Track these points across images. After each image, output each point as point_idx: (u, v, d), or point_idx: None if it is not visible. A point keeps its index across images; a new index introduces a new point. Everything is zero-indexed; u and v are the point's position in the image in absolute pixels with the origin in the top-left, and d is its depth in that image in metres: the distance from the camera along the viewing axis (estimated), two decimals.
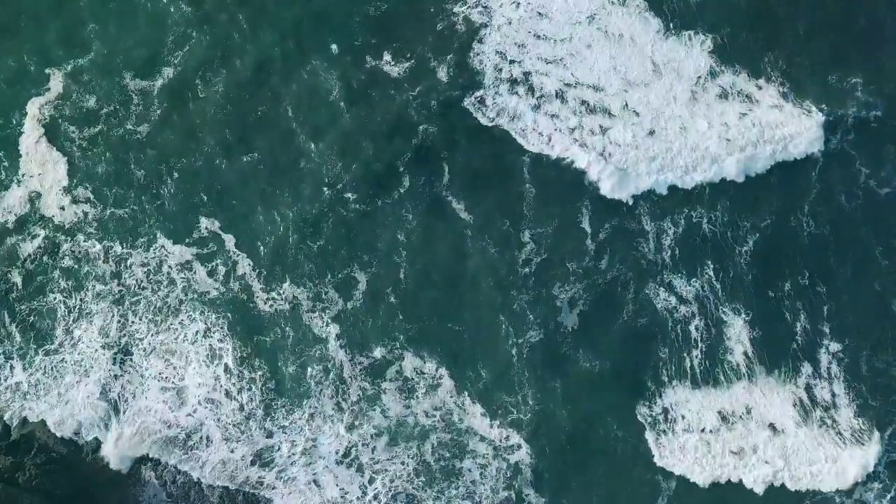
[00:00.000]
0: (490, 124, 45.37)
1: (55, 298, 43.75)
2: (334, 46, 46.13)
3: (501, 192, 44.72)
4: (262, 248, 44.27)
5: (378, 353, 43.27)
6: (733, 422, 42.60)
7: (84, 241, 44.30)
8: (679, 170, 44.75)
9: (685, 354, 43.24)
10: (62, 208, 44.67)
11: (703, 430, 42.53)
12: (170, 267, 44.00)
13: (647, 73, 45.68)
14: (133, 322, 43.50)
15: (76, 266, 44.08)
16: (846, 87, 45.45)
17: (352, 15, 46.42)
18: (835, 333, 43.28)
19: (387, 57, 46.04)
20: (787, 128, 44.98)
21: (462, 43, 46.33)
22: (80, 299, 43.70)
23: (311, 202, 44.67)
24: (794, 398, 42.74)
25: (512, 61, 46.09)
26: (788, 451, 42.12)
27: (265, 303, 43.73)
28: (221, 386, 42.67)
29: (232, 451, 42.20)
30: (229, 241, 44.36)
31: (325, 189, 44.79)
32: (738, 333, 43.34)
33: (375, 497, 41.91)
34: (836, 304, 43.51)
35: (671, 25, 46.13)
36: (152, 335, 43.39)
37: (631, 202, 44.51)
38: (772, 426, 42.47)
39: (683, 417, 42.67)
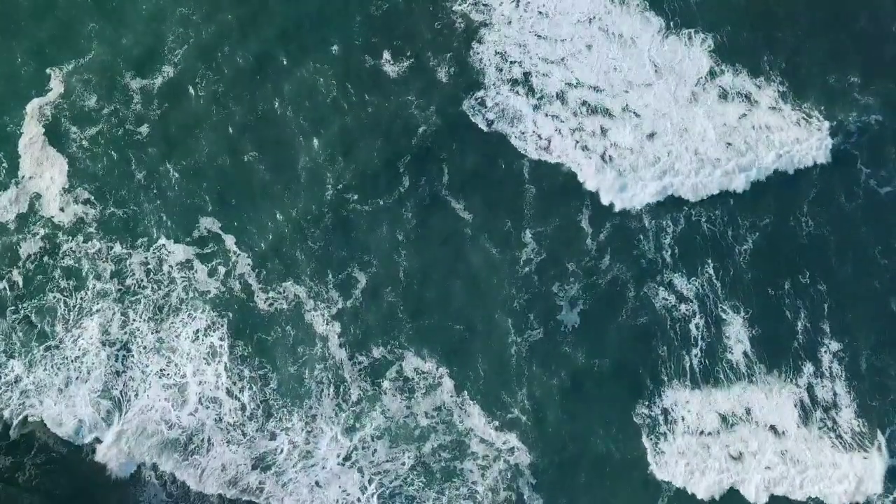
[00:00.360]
0: (490, 125, 45.34)
1: (55, 297, 43.68)
2: (335, 47, 46.11)
3: (501, 191, 44.70)
4: (262, 247, 44.22)
5: (378, 352, 43.25)
6: (733, 423, 42.53)
7: (84, 241, 44.20)
8: (682, 175, 44.61)
9: (685, 354, 43.22)
10: (62, 209, 44.54)
11: (702, 433, 42.42)
12: (170, 266, 43.97)
13: (648, 73, 45.60)
14: (134, 319, 43.49)
15: (76, 265, 44.00)
16: (846, 87, 45.48)
17: (352, 14, 46.34)
18: (835, 333, 43.28)
19: (387, 57, 46.01)
20: (790, 133, 44.92)
21: (462, 43, 46.25)
22: (81, 297, 43.67)
23: (311, 202, 44.63)
24: (795, 398, 42.71)
25: (512, 62, 46.02)
26: (790, 456, 42.02)
27: (265, 302, 43.69)
28: (222, 383, 42.60)
29: (234, 453, 42.11)
30: (229, 240, 44.29)
31: (326, 188, 44.77)
32: (738, 332, 43.33)
33: (375, 498, 41.89)
34: (837, 302, 43.53)
35: (671, 24, 46.08)
36: (153, 332, 43.35)
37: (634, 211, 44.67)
38: (773, 428, 42.39)
39: (683, 419, 42.61)
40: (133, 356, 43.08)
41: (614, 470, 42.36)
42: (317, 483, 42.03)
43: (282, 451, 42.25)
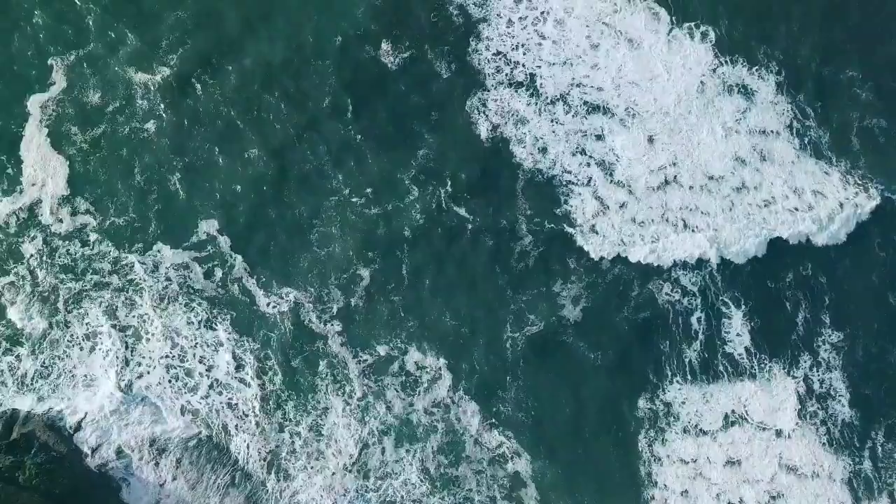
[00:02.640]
0: (491, 125, 45.55)
1: (58, 284, 43.48)
2: (338, 38, 46.15)
3: (502, 189, 44.89)
4: (264, 246, 44.20)
5: (381, 349, 43.21)
6: (734, 422, 42.55)
7: (84, 242, 44.00)
8: (686, 185, 44.78)
9: (686, 349, 43.44)
10: (60, 217, 44.25)
11: (702, 434, 42.35)
12: (167, 268, 43.76)
13: (651, 74, 45.48)
14: (141, 304, 43.32)
15: (75, 264, 43.79)
16: (843, 81, 46.10)
17: (357, 8, 46.42)
18: (835, 326, 43.67)
19: (390, 54, 45.97)
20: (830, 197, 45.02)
21: (464, 43, 46.37)
22: (82, 288, 43.49)
23: (313, 200, 44.67)
24: (794, 393, 42.83)
25: (514, 62, 46.17)
26: (789, 460, 42.15)
27: (268, 304, 43.50)
28: (231, 371, 42.55)
29: (248, 448, 41.94)
30: (231, 241, 44.14)
31: (327, 187, 44.79)
32: (738, 325, 43.53)
33: (379, 500, 41.65)
34: (838, 296, 44.01)
35: (674, 20, 46.25)
36: (159, 319, 43.13)
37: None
38: (773, 429, 42.50)
39: (683, 417, 42.58)
40: (138, 346, 42.90)
41: (614, 471, 42.51)
42: (322, 488, 41.82)
43: (285, 451, 42.07)
